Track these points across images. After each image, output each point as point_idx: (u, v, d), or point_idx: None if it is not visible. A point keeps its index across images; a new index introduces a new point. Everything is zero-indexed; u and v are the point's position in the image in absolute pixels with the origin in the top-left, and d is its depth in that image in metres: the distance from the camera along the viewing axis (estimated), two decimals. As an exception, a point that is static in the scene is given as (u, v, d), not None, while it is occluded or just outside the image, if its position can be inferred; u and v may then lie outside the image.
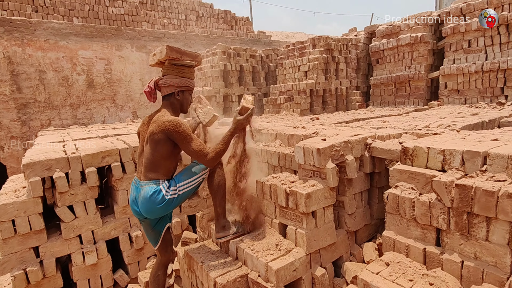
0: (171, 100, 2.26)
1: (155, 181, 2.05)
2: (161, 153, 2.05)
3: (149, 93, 2.29)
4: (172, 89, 2.23)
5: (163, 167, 2.09)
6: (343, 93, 8.34)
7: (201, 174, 2.28)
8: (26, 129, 7.59)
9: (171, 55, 2.20)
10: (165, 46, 2.20)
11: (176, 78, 2.23)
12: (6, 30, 7.21)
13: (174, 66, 2.24)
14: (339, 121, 5.29)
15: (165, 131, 2.00)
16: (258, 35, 12.63)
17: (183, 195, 2.18)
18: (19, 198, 2.94)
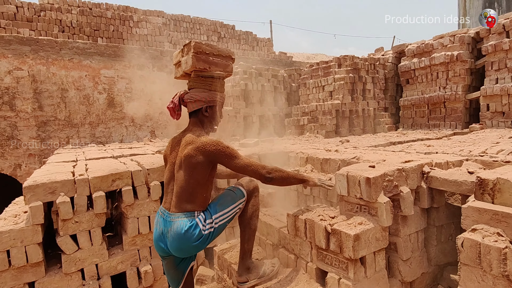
0: (199, 117, 1.93)
1: (190, 213, 1.75)
2: (198, 179, 1.74)
3: (173, 110, 1.96)
4: (199, 105, 1.88)
5: (200, 196, 1.78)
6: (371, 115, 7.85)
7: (238, 203, 1.96)
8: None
9: (198, 66, 1.86)
10: (191, 55, 1.86)
11: (204, 92, 1.89)
12: (33, 49, 7.31)
13: (201, 78, 1.91)
14: (372, 144, 4.79)
15: (206, 152, 1.72)
16: (280, 55, 12.49)
17: (219, 228, 1.86)
18: (18, 225, 2.59)
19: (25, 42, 7.26)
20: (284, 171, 1.89)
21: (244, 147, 5.13)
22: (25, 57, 7.27)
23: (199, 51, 1.89)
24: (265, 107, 8.54)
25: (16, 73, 7.22)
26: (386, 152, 3.28)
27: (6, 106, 7.13)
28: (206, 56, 1.90)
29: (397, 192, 2.14)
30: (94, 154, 4.94)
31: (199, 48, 1.88)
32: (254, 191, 2.10)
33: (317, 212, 2.30)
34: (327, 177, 2.84)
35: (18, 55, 7.20)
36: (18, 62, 7.22)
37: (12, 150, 7.27)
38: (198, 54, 1.88)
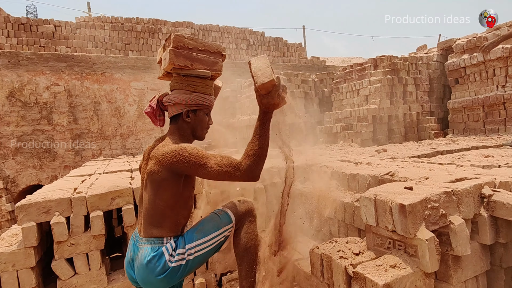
0: (179, 124, 1.56)
1: (157, 240, 1.43)
2: (165, 199, 1.41)
3: (152, 114, 1.63)
4: (179, 109, 1.53)
5: (169, 219, 1.45)
6: (413, 120, 7.01)
7: (222, 231, 1.58)
8: (78, 158, 7.75)
9: (177, 63, 1.51)
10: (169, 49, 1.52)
11: (186, 94, 1.54)
12: (68, 65, 7.65)
13: (182, 77, 1.56)
14: (414, 154, 4.11)
15: (167, 166, 1.37)
16: (312, 60, 11.97)
17: (195, 260, 1.49)
18: (10, 247, 2.43)
19: (61, 59, 7.62)
20: (250, 147, 1.39)
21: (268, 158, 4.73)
22: (61, 73, 7.63)
23: (180, 45, 1.53)
24: (294, 115, 8.06)
25: (54, 88, 7.59)
26: (431, 166, 2.66)
27: (44, 120, 7.50)
28: (188, 52, 1.54)
29: (445, 224, 1.59)
30: (114, 167, 4.85)
31: (180, 41, 1.52)
32: (247, 215, 1.67)
33: (338, 246, 1.81)
34: (354, 197, 2.32)
35: (55, 71, 7.57)
36: (55, 78, 7.59)
37: (50, 162, 7.60)
38: (178, 48, 1.52)
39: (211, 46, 1.66)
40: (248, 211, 1.66)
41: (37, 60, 7.51)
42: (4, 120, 7.35)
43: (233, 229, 1.62)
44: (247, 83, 9.00)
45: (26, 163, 7.48)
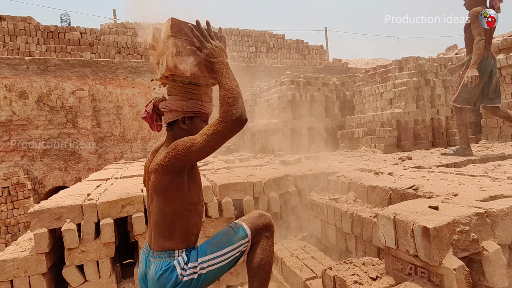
0: (175, 131, 1.50)
1: (169, 253, 1.38)
2: (174, 206, 1.37)
3: (149, 119, 1.58)
4: (175, 115, 1.47)
5: (179, 227, 1.40)
6: (442, 125, 6.59)
7: (237, 245, 1.51)
8: (101, 161, 7.96)
9: (174, 69, 1.44)
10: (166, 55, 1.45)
11: (182, 100, 1.47)
12: (93, 71, 7.90)
13: (180, 83, 1.49)
14: (442, 162, 3.81)
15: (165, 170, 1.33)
16: (333, 62, 11.67)
17: (208, 275, 1.43)
18: (23, 253, 2.45)
19: (86, 65, 7.88)
20: (221, 90, 1.32)
21: (284, 164, 4.57)
22: (86, 78, 7.88)
23: (179, 50, 1.45)
24: (315, 119, 7.85)
25: (79, 93, 7.85)
26: (461, 178, 2.42)
27: (69, 124, 7.77)
28: (186, 57, 1.46)
29: (477, 250, 1.39)
30: (132, 171, 4.90)
31: (179, 46, 1.44)
32: (264, 230, 1.57)
33: (353, 268, 1.65)
34: (373, 212, 2.14)
35: (80, 76, 7.83)
36: (80, 83, 7.85)
37: (74, 165, 7.85)
38: (176, 54, 1.44)
39: None
40: (265, 226, 1.57)
41: (64, 66, 7.81)
42: (33, 124, 7.69)
43: (249, 244, 1.53)
44: (266, 87, 8.89)
45: (53, 165, 7.78)
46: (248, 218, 1.59)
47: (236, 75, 1.65)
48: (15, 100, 7.56)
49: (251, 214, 1.62)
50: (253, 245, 1.55)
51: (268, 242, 1.57)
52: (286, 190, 3.18)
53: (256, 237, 1.55)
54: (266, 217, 1.60)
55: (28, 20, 9.03)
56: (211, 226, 2.90)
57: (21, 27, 8.89)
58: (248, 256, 1.56)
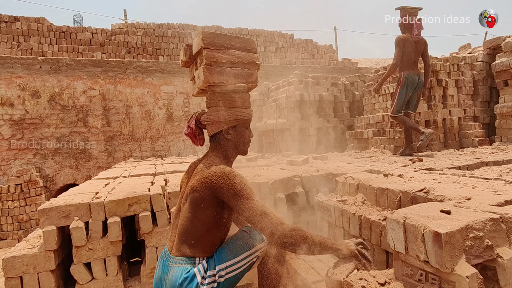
0: (221, 141, 1.53)
1: (190, 260, 1.38)
2: (203, 220, 1.38)
3: (192, 135, 1.60)
4: (219, 127, 1.49)
5: (204, 240, 1.41)
6: (455, 126, 6.44)
7: (254, 251, 1.51)
8: (111, 160, 8.06)
9: (212, 81, 1.46)
10: (202, 67, 1.47)
11: (223, 110, 1.48)
12: (103, 70, 8.00)
13: (218, 94, 1.51)
14: (454, 164, 3.72)
15: (211, 186, 1.34)
16: (342, 62, 11.56)
17: (227, 282, 1.43)
18: (32, 249, 2.48)
19: (97, 64, 7.99)
20: (308, 235, 1.35)
21: (292, 165, 4.54)
22: (97, 77, 7.99)
23: (213, 61, 1.47)
24: (323, 119, 7.78)
25: (89, 92, 7.96)
26: (474, 181, 2.34)
27: (80, 123, 7.89)
28: (221, 67, 1.48)
29: (492, 257, 1.34)
30: (140, 170, 4.93)
31: (212, 57, 1.46)
32: None
33: (361, 272, 1.60)
34: (382, 215, 2.09)
35: (91, 76, 7.95)
36: (91, 82, 7.96)
37: (85, 163, 7.97)
38: (212, 65, 1.47)
39: (244, 57, 1.58)
40: None
41: (75, 65, 7.94)
42: (45, 123, 7.83)
43: (265, 249, 1.53)
44: (274, 87, 8.86)
45: (64, 163, 7.91)
46: None
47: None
48: (28, 99, 7.72)
49: None
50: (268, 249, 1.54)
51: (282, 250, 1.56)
52: (293, 191, 3.15)
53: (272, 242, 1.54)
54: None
55: (41, 21, 9.21)
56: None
57: (35, 27, 9.08)
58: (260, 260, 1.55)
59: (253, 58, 1.65)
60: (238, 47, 1.60)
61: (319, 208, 2.81)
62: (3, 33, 8.79)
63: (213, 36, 1.49)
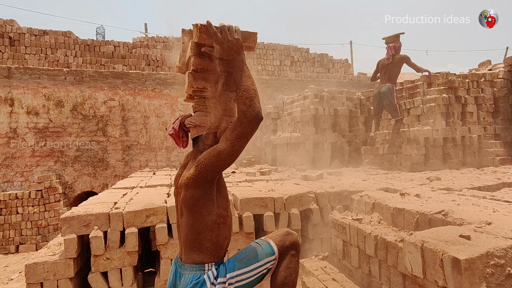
0: (200, 146, 1.55)
1: (199, 266, 1.42)
2: (203, 220, 1.41)
3: (175, 136, 1.64)
4: (200, 131, 1.52)
5: (209, 241, 1.44)
6: (474, 143, 6.29)
7: (264, 263, 1.52)
8: (127, 169, 8.24)
9: (196, 85, 1.50)
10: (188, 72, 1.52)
11: (206, 116, 1.52)
12: (123, 82, 8.29)
13: (203, 99, 1.55)
14: (474, 185, 3.63)
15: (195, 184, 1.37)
16: (358, 76, 11.53)
17: None
18: (53, 256, 2.57)
19: (118, 76, 8.29)
20: (239, 89, 1.37)
21: (306, 180, 4.53)
22: (117, 89, 8.28)
23: (199, 68, 1.50)
24: (338, 133, 7.75)
25: (110, 103, 8.24)
26: (495, 204, 2.29)
27: (100, 132, 8.14)
28: (207, 73, 1.51)
29: (515, 287, 1.30)
30: (156, 181, 5.03)
31: (199, 64, 1.49)
32: (291, 248, 1.58)
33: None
34: (399, 236, 2.06)
35: (112, 87, 8.24)
36: (111, 93, 8.25)
37: (102, 171, 8.18)
38: (197, 71, 1.50)
39: None
40: (292, 244, 1.58)
41: (97, 77, 8.27)
42: (67, 131, 8.14)
43: (276, 262, 1.54)
44: (289, 100, 8.91)
45: (83, 170, 8.15)
46: (276, 235, 1.60)
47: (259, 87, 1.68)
48: (52, 109, 8.06)
49: (278, 232, 1.63)
50: (278, 262, 1.55)
51: (293, 260, 1.57)
52: (307, 207, 3.14)
53: (282, 255, 1.55)
54: (293, 235, 1.61)
55: (68, 35, 9.69)
56: (231, 240, 2.90)
57: (62, 40, 9.55)
58: (272, 273, 1.56)
59: None
60: None
61: (333, 225, 2.80)
62: (33, 46, 9.28)
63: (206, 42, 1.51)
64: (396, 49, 6.26)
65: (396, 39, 6.31)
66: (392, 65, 6.28)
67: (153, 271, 3.49)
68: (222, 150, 1.32)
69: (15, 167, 7.87)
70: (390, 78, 6.28)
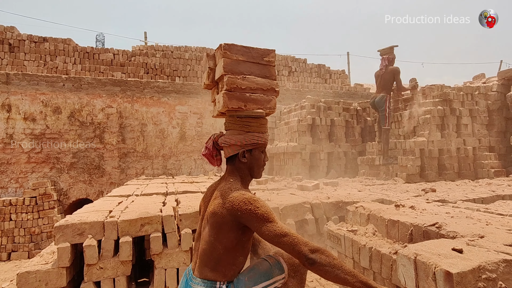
0: (236, 164, 1.57)
1: (211, 283, 1.43)
2: (224, 243, 1.41)
3: (209, 156, 1.65)
4: (235, 150, 1.54)
5: (225, 263, 1.44)
6: (469, 155, 6.36)
7: (273, 281, 1.52)
8: (123, 176, 8.20)
9: (231, 106, 1.54)
10: (222, 92, 1.56)
11: (240, 134, 1.54)
12: (122, 89, 8.32)
13: (236, 118, 1.57)
14: (469, 197, 3.66)
15: (233, 212, 1.37)
16: (355, 87, 11.66)
17: None
18: (46, 265, 2.54)
19: (116, 83, 8.33)
20: (336, 259, 1.29)
21: (302, 190, 4.54)
22: (115, 96, 8.30)
23: (233, 87, 1.55)
24: (334, 144, 7.79)
25: (107, 110, 8.26)
26: (488, 216, 2.31)
27: (97, 139, 8.13)
28: (241, 93, 1.56)
29: (506, 301, 1.31)
30: (152, 189, 5.01)
31: (233, 83, 1.55)
32: (299, 268, 1.57)
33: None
34: (393, 248, 2.07)
35: (110, 94, 8.27)
36: (109, 100, 8.27)
37: (98, 178, 8.13)
38: (231, 91, 1.55)
39: (263, 84, 1.66)
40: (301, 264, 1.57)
41: (96, 84, 8.30)
42: (63, 138, 8.11)
43: (284, 280, 1.53)
44: (287, 110, 8.98)
45: (78, 177, 8.10)
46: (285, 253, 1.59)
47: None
48: (49, 115, 8.05)
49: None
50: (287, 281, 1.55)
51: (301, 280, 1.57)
52: (303, 217, 3.15)
53: (291, 274, 1.55)
54: None
55: (67, 42, 9.75)
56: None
57: (61, 47, 9.60)
58: None
59: (272, 84, 1.72)
60: (257, 74, 1.67)
61: (329, 236, 2.80)
62: (32, 52, 9.32)
63: (233, 64, 1.57)
64: (389, 60, 6.62)
65: (390, 51, 6.68)
66: (385, 75, 6.66)
67: (146, 281, 3.45)
68: (275, 225, 1.31)
69: (10, 173, 7.81)
70: (385, 87, 6.68)
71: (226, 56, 1.55)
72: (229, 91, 1.55)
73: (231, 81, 1.56)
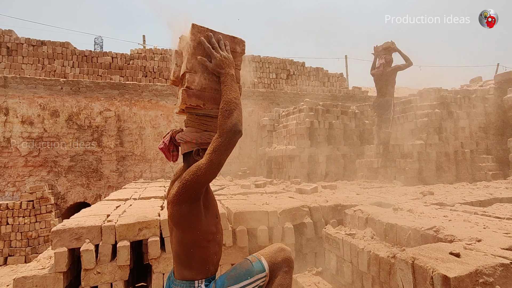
0: (190, 162, 1.54)
1: (189, 283, 1.41)
2: (192, 235, 1.40)
3: (166, 151, 1.63)
4: (190, 147, 1.52)
5: (198, 257, 1.43)
6: (467, 158, 6.38)
7: (254, 280, 1.51)
8: (121, 179, 8.18)
9: (189, 103, 1.52)
10: (181, 89, 1.54)
11: (197, 132, 1.52)
12: (120, 93, 8.31)
13: (195, 116, 1.56)
14: (466, 199, 3.66)
15: (181, 200, 1.36)
16: (353, 90, 11.71)
17: None
18: (43, 270, 2.52)
19: (115, 87, 8.32)
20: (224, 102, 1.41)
21: (300, 193, 4.53)
22: (113, 99, 8.29)
23: (193, 85, 1.53)
24: (333, 147, 7.80)
25: (106, 113, 8.24)
26: (486, 220, 2.31)
27: (95, 142, 8.11)
28: (201, 91, 1.53)
29: (504, 305, 1.31)
30: (150, 193, 5.00)
31: (193, 81, 1.52)
32: (282, 265, 1.56)
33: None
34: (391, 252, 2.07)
35: (108, 98, 8.26)
36: (108, 104, 8.26)
37: (96, 182, 8.10)
38: (191, 88, 1.52)
39: None
40: (284, 260, 1.56)
41: (94, 87, 8.29)
42: (61, 141, 8.09)
43: (266, 279, 1.52)
44: (285, 113, 8.99)
45: (76, 181, 8.07)
46: (268, 251, 1.59)
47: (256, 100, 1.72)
48: (47, 118, 8.03)
49: (271, 248, 1.62)
50: (270, 279, 1.54)
51: (286, 278, 1.55)
52: (301, 221, 3.14)
53: (274, 272, 1.54)
54: (286, 252, 1.59)
55: (66, 45, 9.75)
56: (225, 254, 2.88)
57: (59, 51, 9.60)
58: None
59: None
60: None
61: (327, 240, 2.79)
62: (30, 56, 9.31)
63: (200, 60, 1.55)
64: (387, 61, 6.57)
65: (387, 52, 6.62)
66: (386, 77, 6.57)
67: (144, 285, 3.43)
68: (201, 165, 1.33)
69: (7, 176, 7.77)
70: (388, 91, 6.62)
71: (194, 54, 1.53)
72: (188, 88, 1.53)
73: (191, 79, 1.54)
